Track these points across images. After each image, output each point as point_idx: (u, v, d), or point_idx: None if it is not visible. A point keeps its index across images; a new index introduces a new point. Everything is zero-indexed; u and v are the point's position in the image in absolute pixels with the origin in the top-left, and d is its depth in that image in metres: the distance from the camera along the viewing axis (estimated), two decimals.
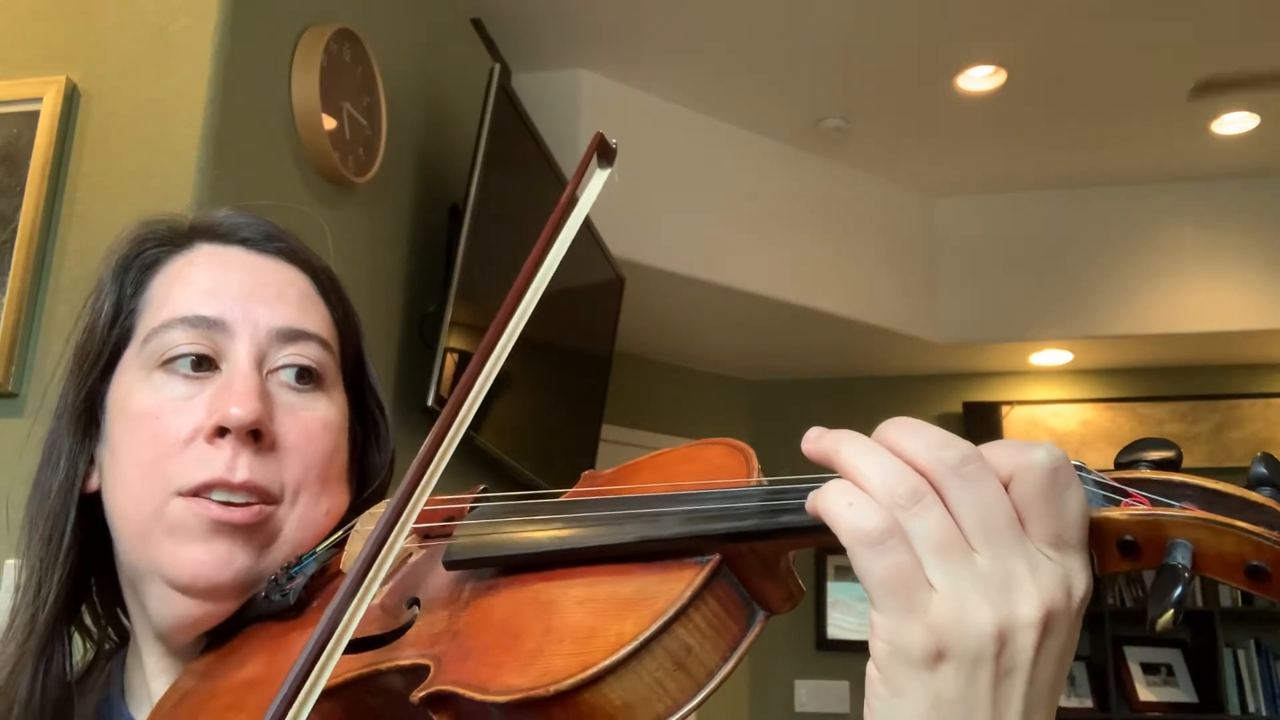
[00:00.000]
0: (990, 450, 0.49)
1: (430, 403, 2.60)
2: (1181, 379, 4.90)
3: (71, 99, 1.96)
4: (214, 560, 0.71)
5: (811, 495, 0.50)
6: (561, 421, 3.63)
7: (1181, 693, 4.54)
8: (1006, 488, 0.48)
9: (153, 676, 0.77)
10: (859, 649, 4.80)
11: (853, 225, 4.51)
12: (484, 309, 2.84)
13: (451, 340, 2.67)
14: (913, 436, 0.49)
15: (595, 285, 3.69)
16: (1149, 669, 4.59)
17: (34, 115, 1.94)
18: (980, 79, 3.83)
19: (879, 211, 4.61)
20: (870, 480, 0.48)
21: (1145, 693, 4.52)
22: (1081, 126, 4.14)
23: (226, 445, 0.71)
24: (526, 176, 3.10)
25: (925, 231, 4.77)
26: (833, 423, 0.54)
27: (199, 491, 0.71)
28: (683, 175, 4.04)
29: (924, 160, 4.47)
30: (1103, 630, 4.54)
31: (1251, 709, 4.46)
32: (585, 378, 3.78)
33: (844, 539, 0.47)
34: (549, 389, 3.51)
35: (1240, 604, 4.55)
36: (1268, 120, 4.02)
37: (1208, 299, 4.49)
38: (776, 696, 4.78)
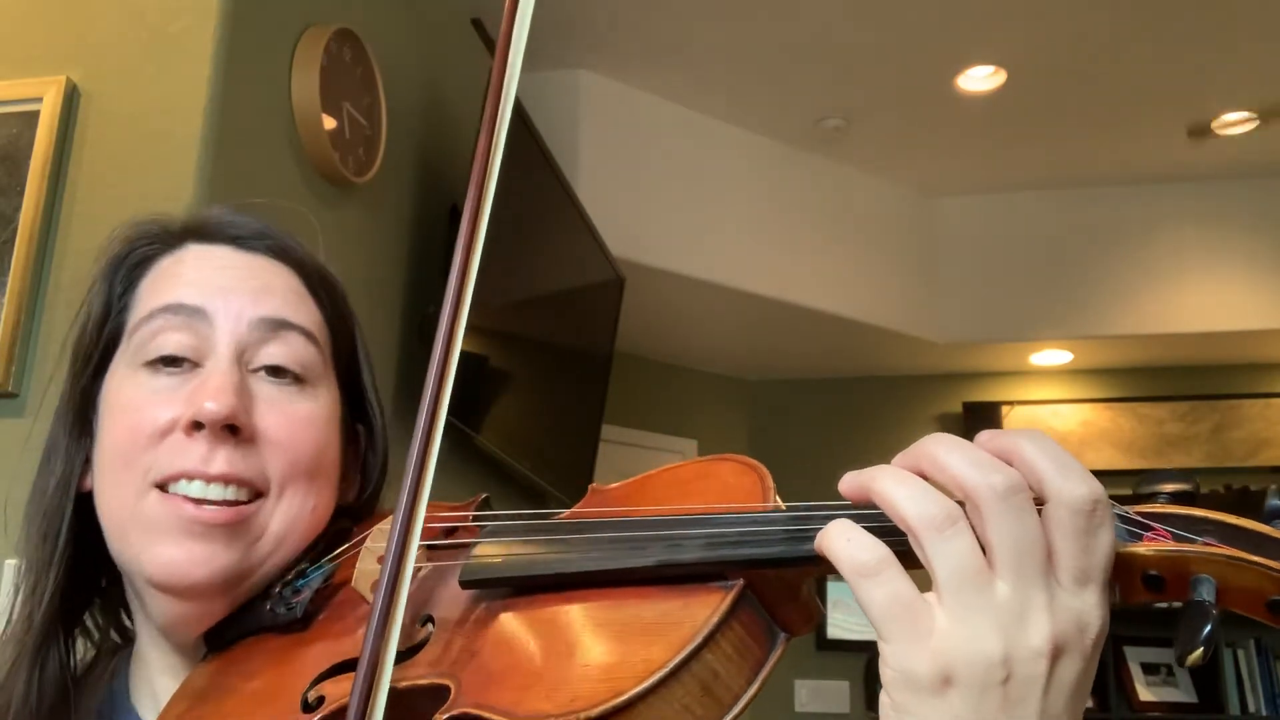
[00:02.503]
0: (1029, 453, 0.48)
1: None
2: (1181, 379, 4.89)
3: (71, 99, 1.95)
4: (188, 560, 0.70)
5: (817, 536, 0.50)
6: (561, 421, 3.62)
7: (1181, 693, 4.54)
8: (1039, 508, 0.48)
9: (157, 674, 0.77)
10: (859, 649, 4.81)
11: (853, 225, 4.51)
12: (484, 309, 2.83)
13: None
14: (957, 453, 0.49)
15: (595, 285, 3.68)
16: (1149, 669, 4.58)
17: (34, 115, 1.93)
18: (980, 79, 3.83)
19: (879, 211, 4.60)
20: (902, 505, 0.48)
21: (1145, 693, 4.51)
22: (1082, 126, 4.14)
23: (202, 439, 0.71)
24: (526, 176, 3.10)
25: (925, 231, 4.76)
26: (832, 422, 0.54)
27: (173, 479, 0.71)
28: (682, 175, 4.04)
29: (924, 160, 4.47)
30: None
31: (1251, 709, 4.45)
32: (585, 378, 3.77)
33: (844, 573, 0.48)
34: (549, 389, 3.51)
35: None
36: (1268, 120, 4.02)
37: (1208, 299, 4.49)
38: (776, 696, 4.77)
